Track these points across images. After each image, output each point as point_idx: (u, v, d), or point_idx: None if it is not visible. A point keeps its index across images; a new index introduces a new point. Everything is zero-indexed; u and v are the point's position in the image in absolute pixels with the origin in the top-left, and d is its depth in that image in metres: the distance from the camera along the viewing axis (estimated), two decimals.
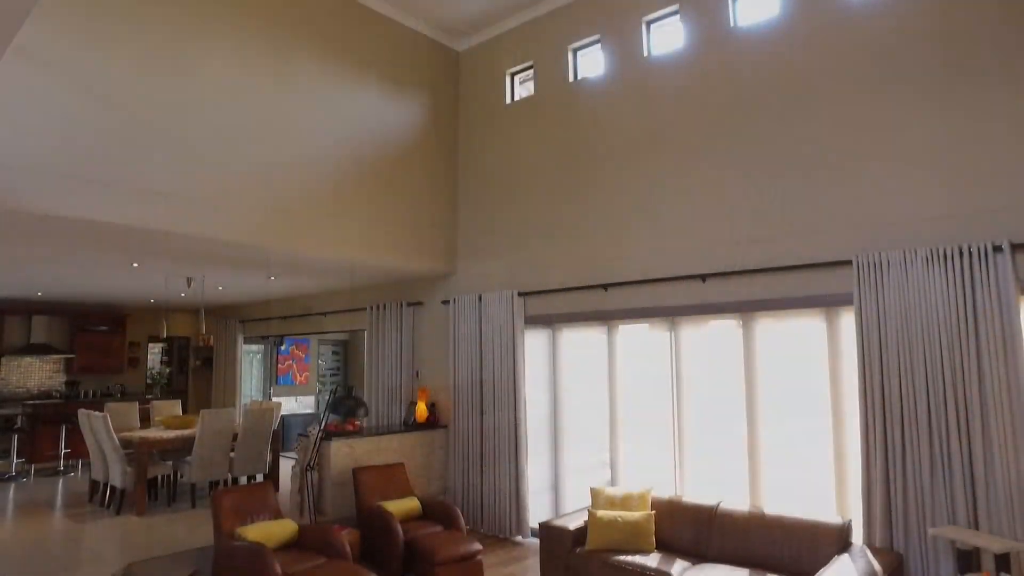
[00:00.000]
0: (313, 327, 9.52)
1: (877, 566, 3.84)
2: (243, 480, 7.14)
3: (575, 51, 6.51)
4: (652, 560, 4.56)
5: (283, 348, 11.99)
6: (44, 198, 4.20)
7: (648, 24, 5.91)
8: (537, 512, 6.28)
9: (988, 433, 3.86)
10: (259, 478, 7.21)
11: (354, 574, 4.33)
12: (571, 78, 6.45)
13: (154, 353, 12.38)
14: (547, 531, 5.06)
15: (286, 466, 8.05)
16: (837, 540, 4.23)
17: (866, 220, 4.50)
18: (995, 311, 3.86)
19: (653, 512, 4.91)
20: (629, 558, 4.60)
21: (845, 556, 4.04)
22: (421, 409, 7.02)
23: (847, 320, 4.62)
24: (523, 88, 7.02)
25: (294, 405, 11.88)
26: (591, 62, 6.41)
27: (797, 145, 4.87)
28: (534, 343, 6.58)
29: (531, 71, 6.84)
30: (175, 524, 5.86)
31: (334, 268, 6.84)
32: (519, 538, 6.33)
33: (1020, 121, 3.99)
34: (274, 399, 10.56)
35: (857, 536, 4.39)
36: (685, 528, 4.85)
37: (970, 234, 4.06)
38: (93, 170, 4.44)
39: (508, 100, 7.01)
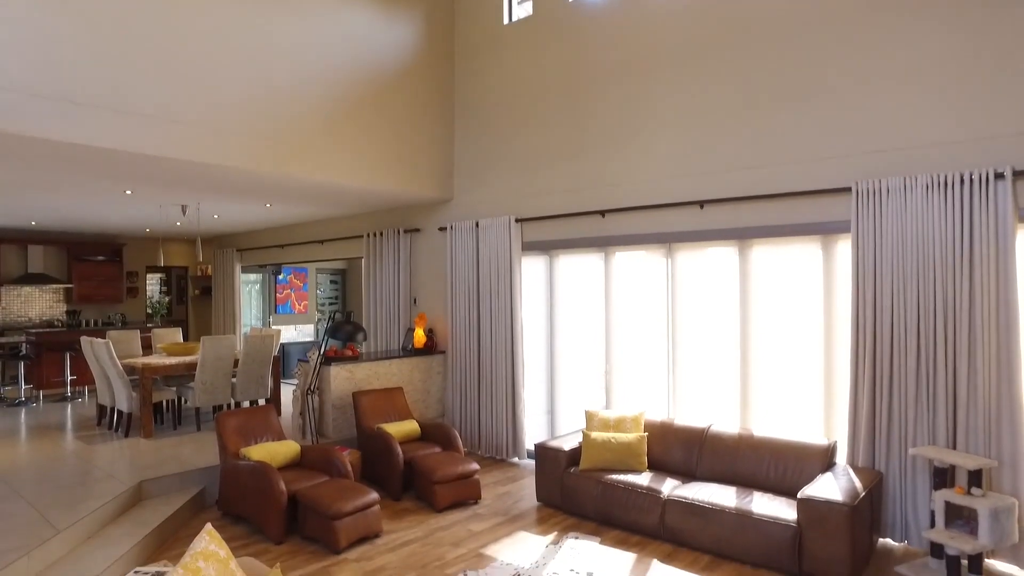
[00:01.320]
0: (310, 255, 9.52)
1: (858, 482, 4.00)
2: (246, 405, 7.30)
3: None
4: (643, 479, 4.74)
5: (281, 277, 12.02)
6: (23, 120, 4.09)
7: None
8: (533, 434, 6.47)
9: (974, 359, 3.93)
10: (261, 403, 7.37)
11: (356, 490, 4.50)
12: None
13: (152, 283, 12.42)
14: (542, 452, 5.23)
15: (287, 393, 8.23)
16: (822, 460, 4.39)
17: (867, 146, 4.42)
18: (991, 239, 3.86)
19: (646, 434, 5.07)
20: (621, 476, 4.78)
21: (828, 474, 4.21)
22: (419, 335, 7.12)
23: (843, 247, 4.62)
24: (521, 8, 6.75)
25: (293, 334, 12.03)
26: None
27: (798, 69, 4.73)
28: (531, 269, 6.60)
29: None
30: (182, 446, 6.04)
31: (329, 193, 6.77)
32: (515, 459, 6.54)
33: None
34: (273, 328, 10.67)
35: (841, 457, 4.56)
36: (676, 449, 5.02)
37: (972, 160, 4.00)
38: (75, 91, 4.31)
39: (506, 20, 6.76)
